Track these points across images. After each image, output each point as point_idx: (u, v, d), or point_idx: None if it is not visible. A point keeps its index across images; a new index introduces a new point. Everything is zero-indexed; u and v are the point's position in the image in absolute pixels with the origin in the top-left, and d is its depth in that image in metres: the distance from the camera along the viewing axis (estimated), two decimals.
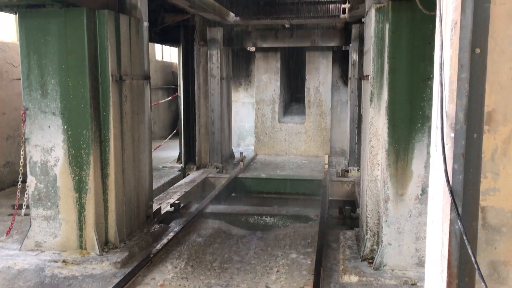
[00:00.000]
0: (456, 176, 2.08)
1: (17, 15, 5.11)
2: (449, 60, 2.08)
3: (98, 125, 5.25)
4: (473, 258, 1.93)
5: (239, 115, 13.94)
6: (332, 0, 9.16)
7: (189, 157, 10.40)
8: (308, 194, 9.19)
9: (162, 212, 6.84)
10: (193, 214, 6.70)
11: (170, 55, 17.92)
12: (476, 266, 1.93)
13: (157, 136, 15.19)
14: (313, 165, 11.11)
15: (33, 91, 5.14)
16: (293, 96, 15.16)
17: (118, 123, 5.43)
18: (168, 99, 15.60)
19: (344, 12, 9.61)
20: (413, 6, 4.02)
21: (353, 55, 9.70)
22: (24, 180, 5.32)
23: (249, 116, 13.75)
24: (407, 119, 4.47)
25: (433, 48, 2.26)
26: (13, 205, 6.04)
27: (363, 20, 6.45)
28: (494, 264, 2.15)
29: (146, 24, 6.10)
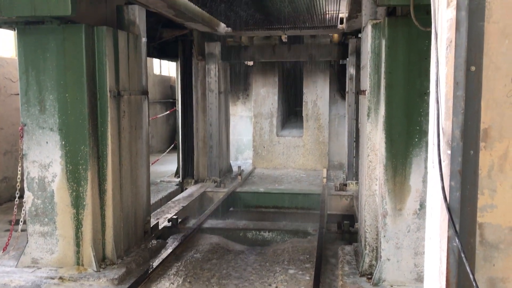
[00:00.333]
0: (453, 193, 2.08)
1: (16, 32, 5.14)
2: (445, 78, 2.09)
3: (96, 141, 5.25)
4: (471, 276, 1.93)
5: (237, 129, 13.96)
6: (329, 12, 9.10)
7: (187, 171, 10.38)
8: (307, 208, 9.17)
9: (160, 227, 6.81)
10: (191, 230, 6.67)
11: (168, 69, 18.00)
12: (475, 284, 1.92)
13: (155, 150, 15.18)
14: (312, 179, 11.10)
15: (31, 107, 5.15)
16: (291, 110, 15.22)
17: (116, 139, 5.43)
18: (166, 113, 15.62)
19: (342, 22, 9.59)
20: (409, 22, 4.05)
21: (350, 69, 9.76)
22: (22, 196, 5.31)
23: (247, 130, 13.78)
24: (405, 134, 4.49)
25: (429, 64, 2.28)
26: (10, 221, 6.01)
27: (360, 36, 6.51)
28: (493, 281, 2.14)
29: (144, 40, 6.14)
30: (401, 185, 4.53)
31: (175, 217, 7.04)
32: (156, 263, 5.36)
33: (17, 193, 5.41)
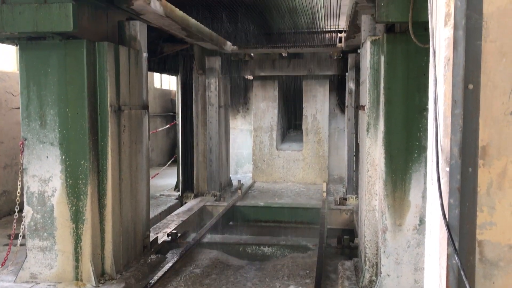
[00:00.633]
0: (452, 210, 2.09)
1: (18, 47, 5.18)
2: (443, 96, 2.11)
3: (96, 155, 5.26)
4: None
5: (237, 142, 13.98)
6: (328, 30, 9.30)
7: (187, 185, 10.37)
8: (307, 223, 9.14)
9: (159, 242, 6.78)
10: (190, 244, 6.65)
11: (169, 83, 18.07)
12: None
13: (155, 163, 15.18)
14: (311, 193, 11.09)
15: (32, 122, 5.17)
16: (291, 123, 15.25)
17: (116, 153, 5.44)
18: (167, 127, 15.65)
19: (341, 41, 9.77)
20: (408, 39, 4.09)
21: (350, 84, 9.81)
22: (21, 210, 5.30)
23: (247, 143, 13.79)
24: (404, 150, 4.50)
25: (428, 80, 2.30)
26: (9, 235, 5.99)
27: (359, 51, 6.56)
28: None
29: (145, 55, 6.18)
30: (401, 201, 4.53)
31: (175, 232, 7.02)
32: (155, 279, 5.33)
33: (17, 207, 5.40)
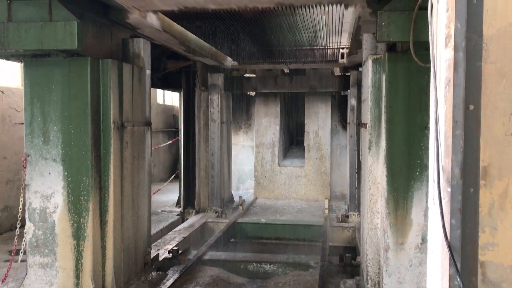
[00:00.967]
0: (454, 231, 2.08)
1: (23, 64, 5.23)
2: (444, 116, 2.12)
3: (99, 172, 5.28)
4: None
5: (239, 158, 13.98)
6: (330, 47, 9.37)
7: (188, 201, 10.36)
8: (309, 240, 9.09)
9: (160, 259, 6.75)
10: (191, 261, 6.61)
11: (172, 98, 18.17)
12: None
13: (157, 179, 15.17)
14: (313, 210, 11.04)
15: (35, 138, 5.19)
16: (293, 140, 15.27)
17: (118, 170, 5.45)
18: (169, 143, 15.69)
19: (343, 57, 9.82)
20: (409, 58, 4.12)
21: (352, 101, 9.84)
22: (23, 226, 5.29)
23: (249, 159, 13.78)
24: (406, 168, 4.50)
25: (429, 99, 2.32)
26: (10, 251, 5.97)
27: (361, 69, 6.60)
28: None
29: (149, 72, 6.23)
30: (403, 219, 4.52)
31: (176, 248, 6.99)
32: None
33: (19, 223, 5.40)
